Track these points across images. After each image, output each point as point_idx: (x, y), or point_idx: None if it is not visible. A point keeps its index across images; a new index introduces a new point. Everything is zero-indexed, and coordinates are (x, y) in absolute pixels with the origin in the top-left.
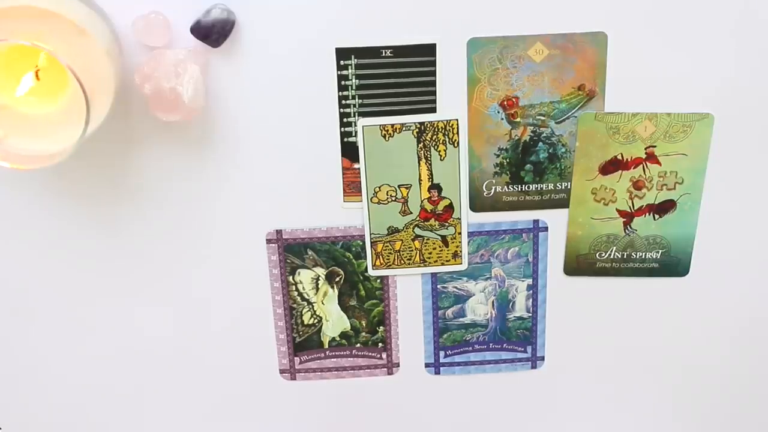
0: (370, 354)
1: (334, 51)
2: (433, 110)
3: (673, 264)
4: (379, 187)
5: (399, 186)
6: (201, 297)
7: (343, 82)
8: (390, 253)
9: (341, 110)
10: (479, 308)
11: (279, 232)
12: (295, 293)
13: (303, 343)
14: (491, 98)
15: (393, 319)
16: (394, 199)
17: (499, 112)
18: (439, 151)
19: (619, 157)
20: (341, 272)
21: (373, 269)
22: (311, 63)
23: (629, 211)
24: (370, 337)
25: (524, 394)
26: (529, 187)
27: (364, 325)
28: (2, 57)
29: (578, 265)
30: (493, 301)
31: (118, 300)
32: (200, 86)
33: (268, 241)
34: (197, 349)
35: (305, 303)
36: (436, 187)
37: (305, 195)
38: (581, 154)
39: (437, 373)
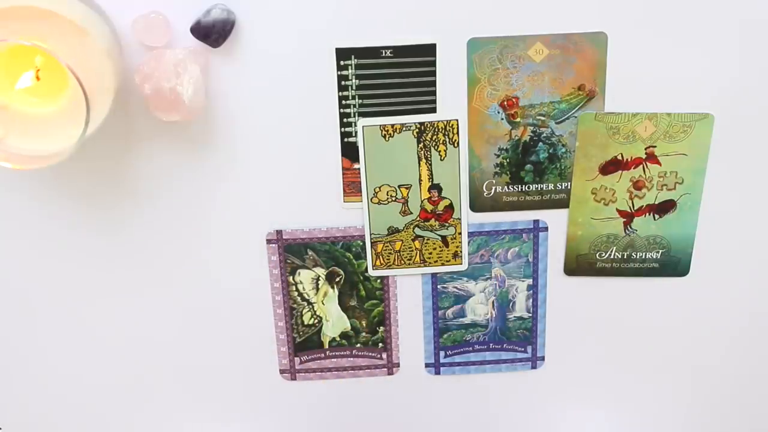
0: (370, 354)
1: (334, 51)
2: (433, 110)
3: (673, 264)
4: (379, 187)
5: (399, 186)
6: (201, 297)
7: (343, 82)
8: (390, 253)
9: (341, 110)
10: (479, 308)
11: (279, 232)
12: (296, 293)
13: (303, 343)
14: (491, 98)
15: (393, 319)
16: (394, 199)
17: (499, 112)
18: (439, 151)
19: (619, 157)
20: (341, 272)
21: (373, 269)
22: (311, 63)
23: (629, 211)
24: (370, 337)
25: (524, 394)
26: (529, 187)
27: (364, 325)
28: (2, 57)
29: (578, 265)
30: (493, 301)
31: (117, 300)
32: (200, 86)
33: (268, 241)
34: (197, 348)
35: (305, 303)
36: (436, 187)
37: (305, 195)
38: (581, 154)
39: (437, 373)
